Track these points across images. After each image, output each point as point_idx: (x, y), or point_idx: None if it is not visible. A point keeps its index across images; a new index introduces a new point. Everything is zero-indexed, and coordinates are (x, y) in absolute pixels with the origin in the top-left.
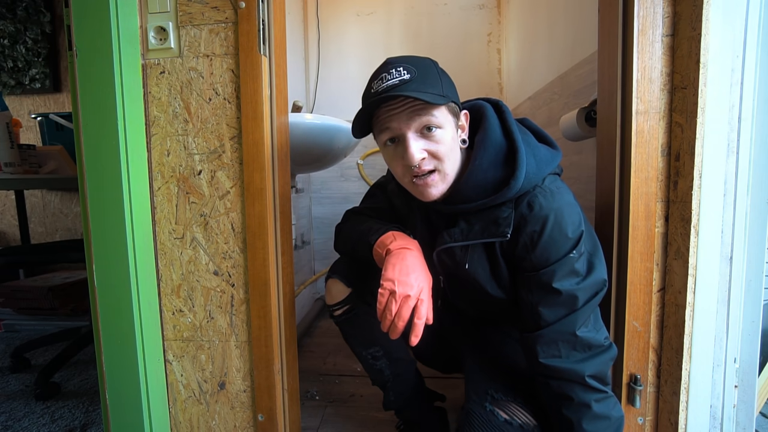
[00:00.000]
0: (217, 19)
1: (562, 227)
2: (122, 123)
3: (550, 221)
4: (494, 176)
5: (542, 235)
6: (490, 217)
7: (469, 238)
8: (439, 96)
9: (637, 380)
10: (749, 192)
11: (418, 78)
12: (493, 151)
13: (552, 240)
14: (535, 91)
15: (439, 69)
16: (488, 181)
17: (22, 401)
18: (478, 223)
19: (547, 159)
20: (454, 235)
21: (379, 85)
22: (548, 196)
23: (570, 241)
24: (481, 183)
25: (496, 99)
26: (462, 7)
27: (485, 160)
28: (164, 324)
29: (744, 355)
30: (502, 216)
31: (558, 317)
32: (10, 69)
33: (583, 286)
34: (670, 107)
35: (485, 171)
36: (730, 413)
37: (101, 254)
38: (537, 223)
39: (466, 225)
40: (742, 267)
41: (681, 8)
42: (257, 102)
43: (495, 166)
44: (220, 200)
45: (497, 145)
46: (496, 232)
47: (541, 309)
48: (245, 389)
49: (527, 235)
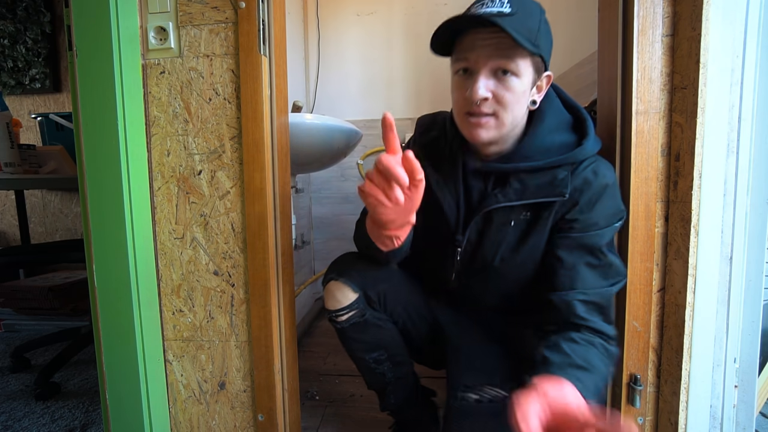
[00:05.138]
0: (217, 19)
1: (616, 197)
2: (122, 123)
3: (609, 189)
4: (561, 139)
5: (600, 199)
6: (546, 178)
7: (524, 198)
8: (531, 43)
9: (637, 380)
10: (749, 192)
11: (518, 17)
12: (556, 118)
13: (606, 207)
14: None
15: (543, 18)
16: (554, 143)
17: (22, 401)
18: (533, 184)
19: (598, 139)
20: (508, 194)
21: (477, 8)
22: (609, 168)
23: (621, 213)
24: (547, 144)
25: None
26: (462, 6)
27: (552, 124)
28: (164, 324)
29: (744, 355)
30: (560, 177)
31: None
32: (10, 69)
33: (612, 259)
34: (670, 107)
35: (552, 133)
36: (730, 413)
37: (101, 254)
38: (598, 189)
39: (519, 185)
40: (742, 267)
41: (681, 8)
42: (257, 102)
43: (561, 131)
44: (220, 200)
45: (560, 114)
46: (554, 192)
47: (581, 269)
48: (245, 389)
49: (586, 198)
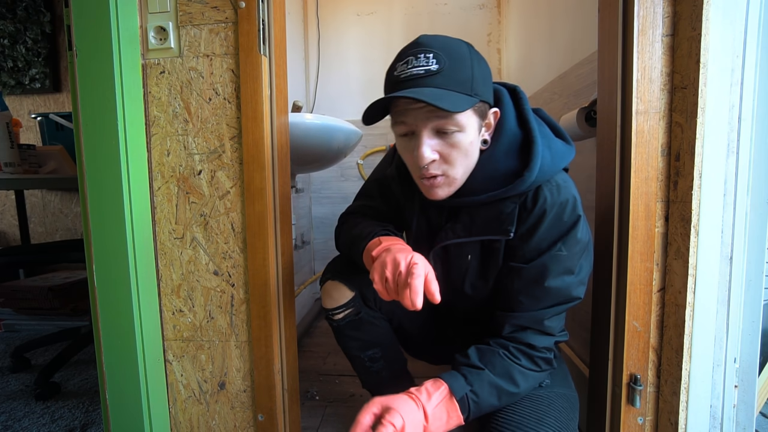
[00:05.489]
0: (217, 19)
1: (560, 222)
2: (122, 123)
3: (549, 215)
4: (506, 167)
5: (538, 227)
6: (492, 213)
7: (472, 234)
8: (466, 97)
9: (637, 380)
10: (749, 192)
11: (447, 70)
12: (506, 140)
13: (546, 234)
14: (535, 91)
15: (474, 58)
16: (499, 172)
17: (22, 401)
18: (480, 219)
19: (562, 153)
20: (456, 230)
21: (402, 70)
22: (554, 191)
23: (567, 236)
24: (491, 174)
25: (513, 84)
26: (462, 7)
27: (498, 150)
28: (164, 324)
29: (744, 355)
30: (506, 212)
31: (534, 308)
32: (10, 69)
33: (554, 285)
34: (670, 107)
35: (497, 161)
36: (730, 413)
37: (101, 254)
38: (537, 215)
39: (468, 220)
40: (742, 267)
41: (681, 8)
42: (257, 102)
43: (507, 157)
44: (220, 200)
45: (511, 135)
46: (499, 230)
47: (520, 297)
48: (245, 389)
49: (525, 227)
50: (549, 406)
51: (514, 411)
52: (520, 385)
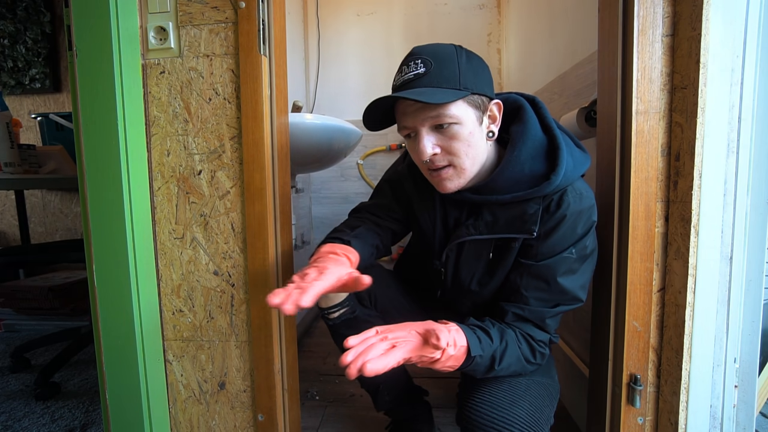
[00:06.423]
0: (217, 19)
1: (575, 227)
2: (122, 123)
3: (567, 220)
4: (532, 170)
5: (556, 230)
6: (516, 212)
7: (494, 231)
8: (452, 90)
9: (637, 380)
10: (749, 192)
11: (433, 72)
12: (532, 144)
13: (562, 237)
14: (535, 91)
15: (462, 58)
16: (525, 174)
17: (22, 401)
18: (503, 217)
19: (581, 161)
20: (479, 227)
21: (398, 79)
22: (578, 198)
23: (579, 241)
24: (517, 175)
25: (531, 95)
26: (462, 7)
27: (524, 153)
28: (164, 324)
29: (744, 355)
30: (530, 212)
31: (538, 304)
32: (10, 69)
33: (564, 286)
34: (670, 107)
35: (523, 163)
36: (730, 413)
37: (101, 254)
38: (558, 219)
39: (491, 218)
40: (742, 267)
41: (681, 8)
42: (257, 102)
43: (534, 160)
44: (220, 200)
45: (537, 139)
46: (522, 228)
47: (528, 292)
48: (245, 389)
49: (545, 228)
50: (525, 391)
51: (490, 392)
52: (510, 368)
